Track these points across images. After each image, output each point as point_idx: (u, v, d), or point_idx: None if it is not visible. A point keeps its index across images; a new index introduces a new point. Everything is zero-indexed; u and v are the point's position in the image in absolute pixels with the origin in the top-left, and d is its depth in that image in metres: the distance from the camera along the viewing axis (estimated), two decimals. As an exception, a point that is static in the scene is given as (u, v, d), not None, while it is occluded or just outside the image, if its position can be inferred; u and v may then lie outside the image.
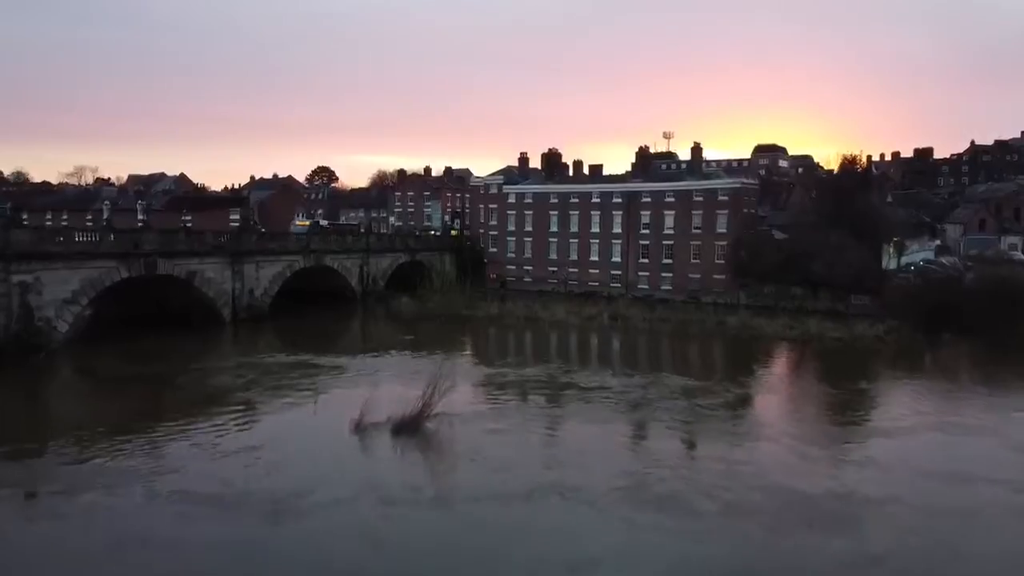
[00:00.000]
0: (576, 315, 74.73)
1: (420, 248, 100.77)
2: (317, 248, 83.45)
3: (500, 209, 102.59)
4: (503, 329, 72.55)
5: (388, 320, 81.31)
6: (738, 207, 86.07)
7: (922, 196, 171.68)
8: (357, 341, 69.10)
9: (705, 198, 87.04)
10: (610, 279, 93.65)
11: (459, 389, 42.10)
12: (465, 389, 45.59)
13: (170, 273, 67.42)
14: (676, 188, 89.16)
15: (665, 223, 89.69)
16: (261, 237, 77.19)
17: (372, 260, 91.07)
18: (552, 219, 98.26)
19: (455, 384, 41.24)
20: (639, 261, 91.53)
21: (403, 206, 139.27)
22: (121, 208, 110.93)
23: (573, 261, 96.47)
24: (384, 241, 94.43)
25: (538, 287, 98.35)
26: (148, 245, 65.70)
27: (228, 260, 72.40)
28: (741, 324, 69.53)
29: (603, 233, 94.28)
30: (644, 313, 76.00)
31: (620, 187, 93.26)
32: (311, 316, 78.31)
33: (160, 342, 62.01)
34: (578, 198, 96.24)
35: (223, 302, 72.00)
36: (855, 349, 61.98)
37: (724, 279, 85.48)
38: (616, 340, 68.40)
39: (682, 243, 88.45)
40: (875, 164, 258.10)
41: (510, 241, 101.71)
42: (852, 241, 78.50)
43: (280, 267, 78.29)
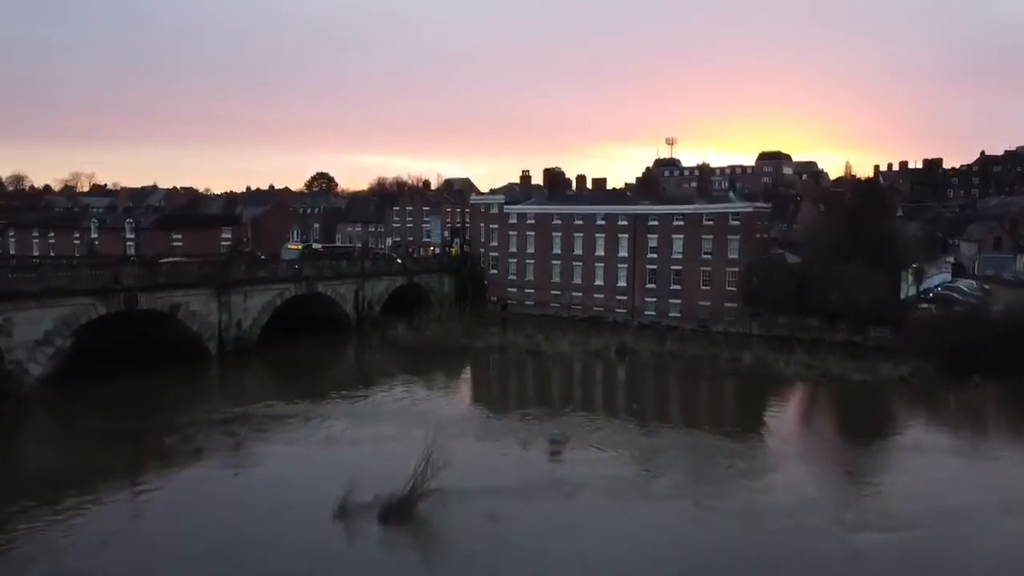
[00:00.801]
0: (581, 348, 70.99)
1: (418, 270, 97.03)
2: (309, 275, 79.72)
3: (501, 229, 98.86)
4: (504, 366, 68.77)
5: (384, 350, 77.56)
6: (750, 232, 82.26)
7: (933, 210, 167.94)
8: (349, 379, 65.28)
9: (715, 222, 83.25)
10: (615, 304, 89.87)
11: (456, 444, 38.56)
12: (462, 447, 41.88)
13: (152, 308, 63.75)
14: (685, 211, 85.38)
15: (673, 247, 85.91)
16: (250, 265, 73.48)
17: (367, 285, 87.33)
18: (555, 240, 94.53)
19: (452, 440, 37.87)
20: (646, 286, 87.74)
21: (402, 221, 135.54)
22: (109, 227, 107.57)
23: (577, 285, 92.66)
24: (380, 264, 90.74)
25: (540, 311, 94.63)
26: (128, 279, 61.99)
27: (214, 291, 68.63)
28: (756, 362, 65.64)
29: (608, 256, 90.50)
30: (652, 346, 72.21)
31: (626, 209, 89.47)
32: (302, 347, 74.52)
33: (139, 383, 58.30)
34: (582, 219, 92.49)
35: (209, 335, 68.27)
36: (880, 395, 58.26)
37: (735, 307, 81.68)
38: (624, 381, 64.59)
39: (691, 269, 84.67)
40: (883, 174, 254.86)
41: (511, 263, 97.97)
42: (870, 271, 74.65)
43: (270, 296, 74.57)
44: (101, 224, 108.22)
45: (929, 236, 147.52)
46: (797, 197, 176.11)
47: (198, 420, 48.71)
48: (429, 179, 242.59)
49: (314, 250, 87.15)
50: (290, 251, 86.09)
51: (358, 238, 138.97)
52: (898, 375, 60.92)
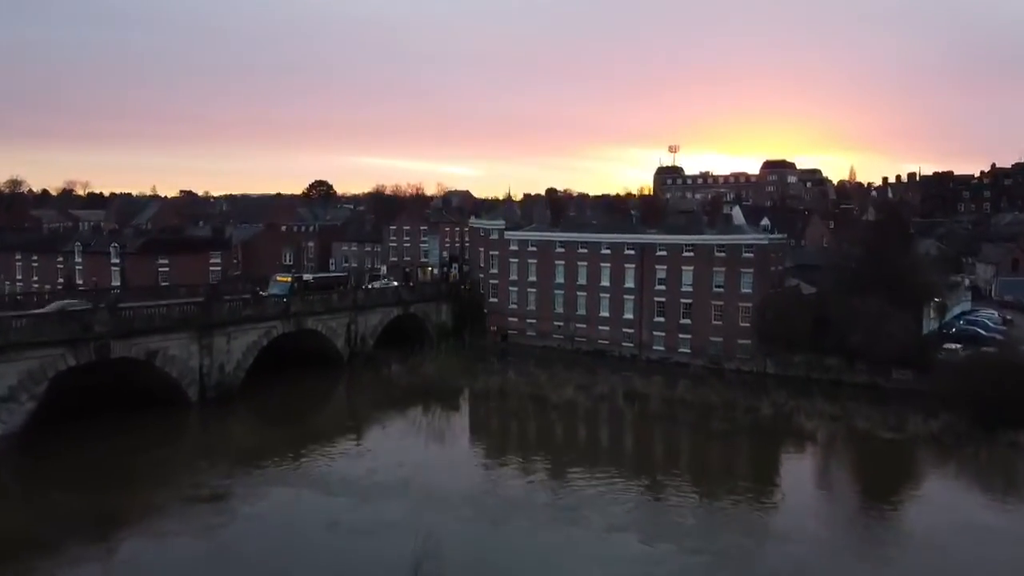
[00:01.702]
0: (586, 393, 66.55)
1: (414, 300, 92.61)
2: (298, 310, 75.30)
3: (501, 256, 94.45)
4: (505, 415, 64.38)
5: (376, 392, 73.17)
6: (764, 266, 77.85)
7: (945, 226, 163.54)
8: (336, 433, 60.83)
9: (728, 254, 78.82)
10: (622, 337, 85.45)
11: (451, 529, 34.26)
12: (458, 535, 37.62)
13: (126, 356, 59.38)
14: (695, 242, 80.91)
15: (683, 279, 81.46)
16: (234, 305, 68.94)
17: (360, 318, 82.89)
18: (558, 269, 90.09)
19: (447, 520, 33.69)
20: (654, 320, 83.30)
21: (399, 241, 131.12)
22: (93, 251, 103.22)
23: (581, 316, 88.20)
24: (374, 296, 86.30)
25: (543, 342, 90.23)
26: (100, 326, 57.59)
27: (195, 334, 64.26)
28: (775, 412, 61.33)
29: (614, 287, 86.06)
30: (662, 390, 67.89)
31: (632, 238, 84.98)
32: (289, 390, 70.12)
33: (112, 441, 54.20)
34: (586, 247, 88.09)
35: (189, 381, 63.89)
36: (911, 456, 54.09)
37: (749, 344, 77.29)
38: (634, 436, 60.11)
39: (702, 302, 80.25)
40: (891, 186, 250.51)
41: (512, 291, 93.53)
42: (891, 307, 70.22)
43: (255, 336, 70.15)
44: (85, 248, 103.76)
45: (943, 255, 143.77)
46: (805, 212, 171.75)
47: (168, 494, 44.43)
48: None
49: (304, 282, 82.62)
50: (279, 283, 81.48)
51: (354, 257, 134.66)
52: (928, 431, 56.64)
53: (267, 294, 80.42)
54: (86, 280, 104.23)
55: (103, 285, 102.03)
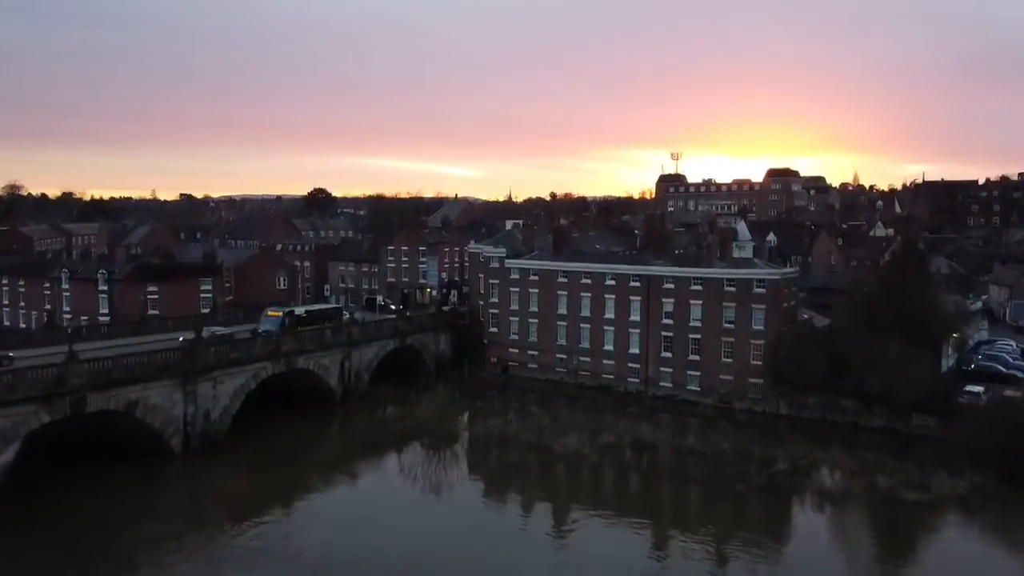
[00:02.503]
0: (591, 441, 63.03)
1: (411, 330, 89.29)
2: (289, 349, 71.95)
3: (502, 284, 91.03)
4: (505, 470, 60.95)
5: (370, 436, 70.01)
6: (776, 301, 74.48)
7: (955, 242, 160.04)
8: (325, 486, 57.85)
9: (738, 289, 75.44)
10: (627, 372, 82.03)
11: None
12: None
13: (104, 408, 56.09)
14: (703, 275, 77.50)
15: (691, 314, 78.04)
16: (221, 347, 65.61)
17: (355, 354, 79.55)
18: (560, 299, 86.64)
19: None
20: (661, 355, 79.88)
21: (396, 261, 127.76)
22: (81, 278, 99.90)
23: (584, 349, 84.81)
24: (369, 330, 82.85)
25: (545, 375, 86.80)
26: (76, 378, 54.31)
27: (179, 381, 61.01)
28: (791, 466, 57.97)
29: (619, 319, 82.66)
30: (671, 437, 64.59)
31: (638, 269, 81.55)
32: (278, 435, 66.82)
33: (89, 499, 51.23)
34: (590, 278, 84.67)
35: (172, 431, 60.62)
36: (937, 521, 50.71)
37: (761, 384, 73.89)
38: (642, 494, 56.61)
39: (711, 338, 76.84)
40: (896, 193, 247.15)
41: (513, 321, 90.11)
42: (912, 349, 66.81)
43: (243, 379, 66.83)
44: (72, 275, 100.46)
45: (954, 274, 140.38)
46: (812, 227, 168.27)
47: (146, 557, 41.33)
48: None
49: (296, 316, 79.21)
50: (270, 318, 78.12)
51: (351, 279, 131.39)
52: (953, 491, 53.33)
53: (259, 330, 77.21)
54: (73, 308, 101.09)
55: (90, 312, 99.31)
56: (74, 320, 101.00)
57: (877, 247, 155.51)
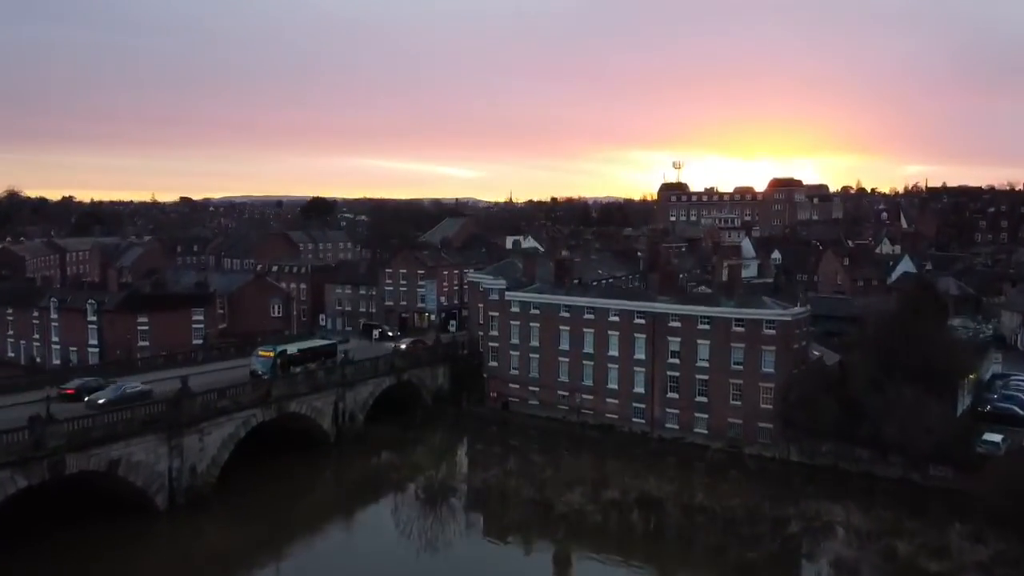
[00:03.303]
0: (595, 498, 60.22)
1: (408, 365, 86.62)
2: (280, 394, 69.26)
3: (502, 317, 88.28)
4: (503, 530, 58.23)
5: (364, 481, 67.41)
6: (787, 343, 71.73)
7: (963, 261, 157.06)
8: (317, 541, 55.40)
9: (747, 329, 72.70)
10: (632, 412, 79.28)
11: None
12: None
13: (84, 469, 53.39)
14: (711, 314, 74.74)
15: (698, 353, 75.33)
16: (208, 395, 62.89)
17: (349, 394, 76.88)
18: (562, 334, 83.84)
19: None
20: (667, 395, 77.17)
21: (394, 285, 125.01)
22: (69, 308, 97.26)
23: (587, 387, 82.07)
24: (364, 368, 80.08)
25: (546, 412, 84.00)
26: (54, 439, 51.64)
27: (163, 435, 58.31)
28: (806, 527, 55.32)
29: (623, 357, 79.90)
30: (679, 492, 61.76)
31: (643, 306, 78.77)
32: (269, 484, 64.20)
33: (63, 564, 48.89)
34: (593, 313, 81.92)
35: (157, 487, 57.92)
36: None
37: (771, 429, 71.14)
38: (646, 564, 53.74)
39: (719, 380, 74.12)
40: (902, 207, 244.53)
41: (513, 355, 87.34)
42: (928, 395, 64.12)
43: (232, 427, 64.19)
44: (61, 304, 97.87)
45: (964, 295, 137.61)
46: (818, 245, 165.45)
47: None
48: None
49: (289, 356, 76.42)
50: (261, 359, 75.30)
51: (348, 301, 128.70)
52: (976, 559, 50.58)
53: (250, 371, 74.53)
54: (61, 339, 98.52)
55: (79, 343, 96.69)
56: (63, 351, 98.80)
57: (884, 266, 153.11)
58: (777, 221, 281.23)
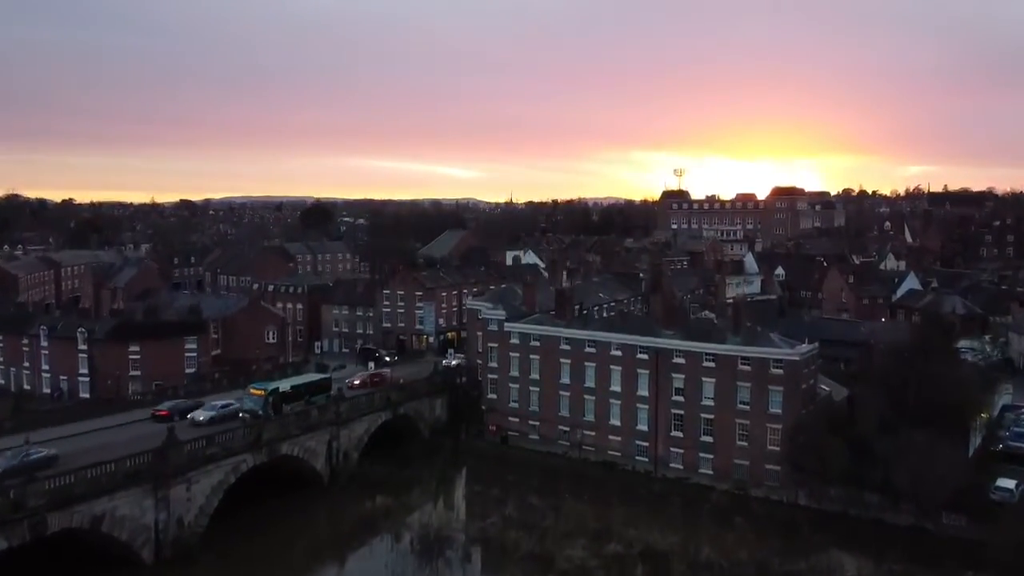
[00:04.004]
0: (597, 552, 58.16)
1: (404, 399, 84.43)
2: (271, 437, 67.12)
3: (501, 348, 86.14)
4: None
5: (358, 528, 65.35)
6: (795, 384, 69.56)
7: (969, 278, 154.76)
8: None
9: (754, 368, 70.57)
10: (635, 450, 77.13)
11: None
12: None
13: (67, 526, 51.30)
14: (716, 351, 72.57)
15: (703, 391, 73.19)
16: (197, 442, 60.75)
17: (343, 432, 74.77)
18: (563, 367, 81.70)
19: None
20: (671, 434, 75.04)
21: (392, 306, 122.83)
22: (60, 336, 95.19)
23: (589, 423, 79.94)
24: (359, 404, 77.95)
25: (546, 447, 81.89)
26: (35, 499, 49.54)
27: (149, 487, 56.19)
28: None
29: (626, 393, 77.76)
30: (685, 542, 59.65)
31: (646, 340, 76.57)
32: (259, 531, 62.19)
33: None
34: (594, 346, 79.79)
35: (142, 541, 55.80)
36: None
37: (779, 471, 68.97)
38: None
39: (725, 419, 72.00)
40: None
41: (513, 388, 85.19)
42: (941, 443, 62.02)
43: (222, 474, 62.07)
44: (51, 332, 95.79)
45: (970, 314, 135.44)
46: (822, 262, 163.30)
47: None
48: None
49: (281, 394, 74.26)
50: (252, 398, 73.12)
51: (345, 322, 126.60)
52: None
53: (241, 411, 72.45)
54: (52, 368, 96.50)
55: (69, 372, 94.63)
56: (54, 379, 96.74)
57: (889, 283, 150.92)
58: (779, 230, 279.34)
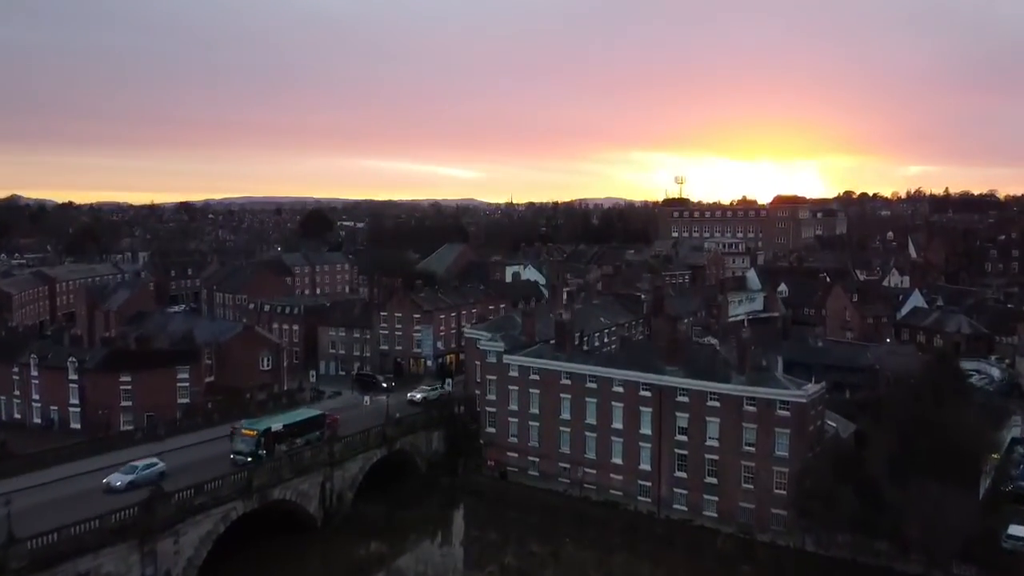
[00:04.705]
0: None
1: (401, 434, 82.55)
2: (262, 483, 65.18)
3: (500, 381, 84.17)
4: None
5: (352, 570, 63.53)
6: (802, 426, 67.59)
7: (974, 296, 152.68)
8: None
9: (759, 409, 68.63)
10: (638, 490, 75.13)
11: None
12: None
13: (47, 590, 49.44)
14: (721, 391, 70.61)
15: (708, 431, 71.25)
16: (183, 497, 58.76)
17: (337, 473, 72.87)
18: (564, 403, 79.74)
19: None
20: (674, 474, 73.08)
21: (389, 328, 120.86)
22: (50, 366, 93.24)
23: (591, 460, 77.97)
24: (354, 443, 76.00)
25: (546, 484, 79.94)
26: (15, 561, 47.64)
27: (136, 542, 54.31)
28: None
29: (628, 430, 75.80)
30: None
31: (649, 378, 74.57)
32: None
33: None
34: (595, 382, 77.85)
35: (128, 599, 53.91)
36: None
37: (785, 516, 67.02)
38: None
39: (730, 460, 70.04)
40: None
41: (512, 422, 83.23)
42: (951, 491, 60.08)
43: (211, 524, 60.24)
44: (42, 361, 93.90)
45: (976, 334, 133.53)
46: (825, 278, 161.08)
47: None
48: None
49: (273, 434, 72.27)
50: (244, 438, 70.98)
51: (342, 344, 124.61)
52: None
53: (232, 452, 70.52)
54: (42, 397, 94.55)
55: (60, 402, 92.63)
56: (44, 409, 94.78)
57: (893, 301, 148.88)
58: (781, 239, 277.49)
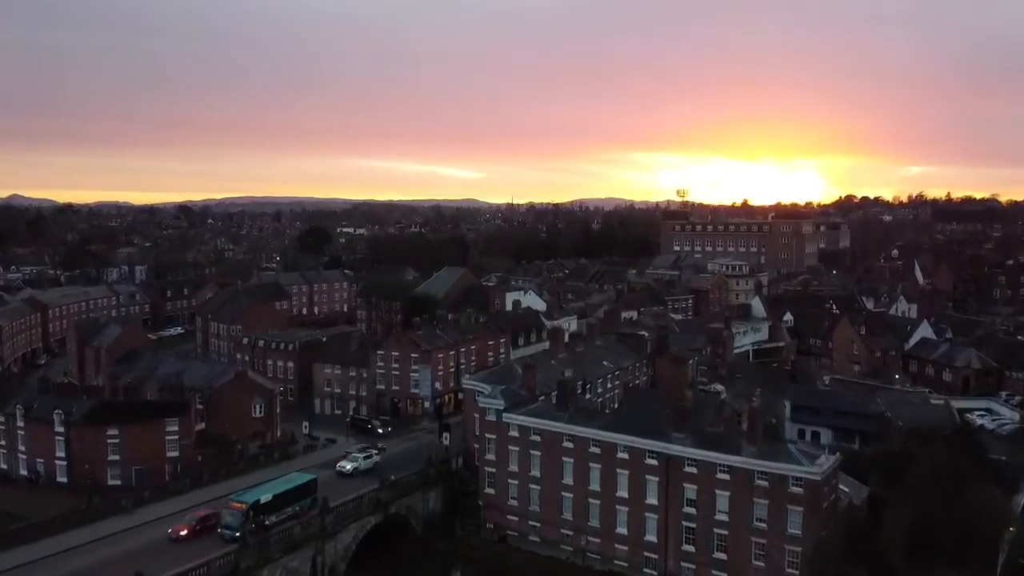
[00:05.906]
0: None
1: (395, 497, 79.41)
2: (249, 565, 62.01)
3: (500, 440, 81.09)
4: None
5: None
6: (817, 503, 64.51)
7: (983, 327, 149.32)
8: None
9: (771, 484, 65.54)
10: (643, 562, 72.08)
11: None
12: None
13: None
14: (731, 463, 67.53)
15: (717, 504, 68.17)
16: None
17: (329, 545, 69.76)
18: (566, 467, 76.68)
19: None
20: (682, 547, 70.01)
21: (386, 367, 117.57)
22: (36, 418, 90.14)
23: (594, 528, 74.94)
24: (346, 512, 72.87)
25: (548, 551, 76.93)
26: None
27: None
28: None
29: (634, 499, 72.76)
30: None
31: (655, 445, 71.42)
32: None
33: None
34: (599, 446, 74.79)
35: None
36: None
37: (800, 600, 64.04)
38: None
39: (740, 536, 66.98)
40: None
41: (512, 484, 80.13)
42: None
43: (195, 618, 57.09)
44: (27, 412, 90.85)
45: (986, 369, 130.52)
46: (831, 307, 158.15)
47: None
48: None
49: (263, 505, 69.14)
50: (232, 512, 67.84)
51: (337, 382, 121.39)
52: None
53: (219, 527, 67.45)
54: (28, 450, 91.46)
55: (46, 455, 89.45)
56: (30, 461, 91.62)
57: (901, 331, 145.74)
58: (784, 255, 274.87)
